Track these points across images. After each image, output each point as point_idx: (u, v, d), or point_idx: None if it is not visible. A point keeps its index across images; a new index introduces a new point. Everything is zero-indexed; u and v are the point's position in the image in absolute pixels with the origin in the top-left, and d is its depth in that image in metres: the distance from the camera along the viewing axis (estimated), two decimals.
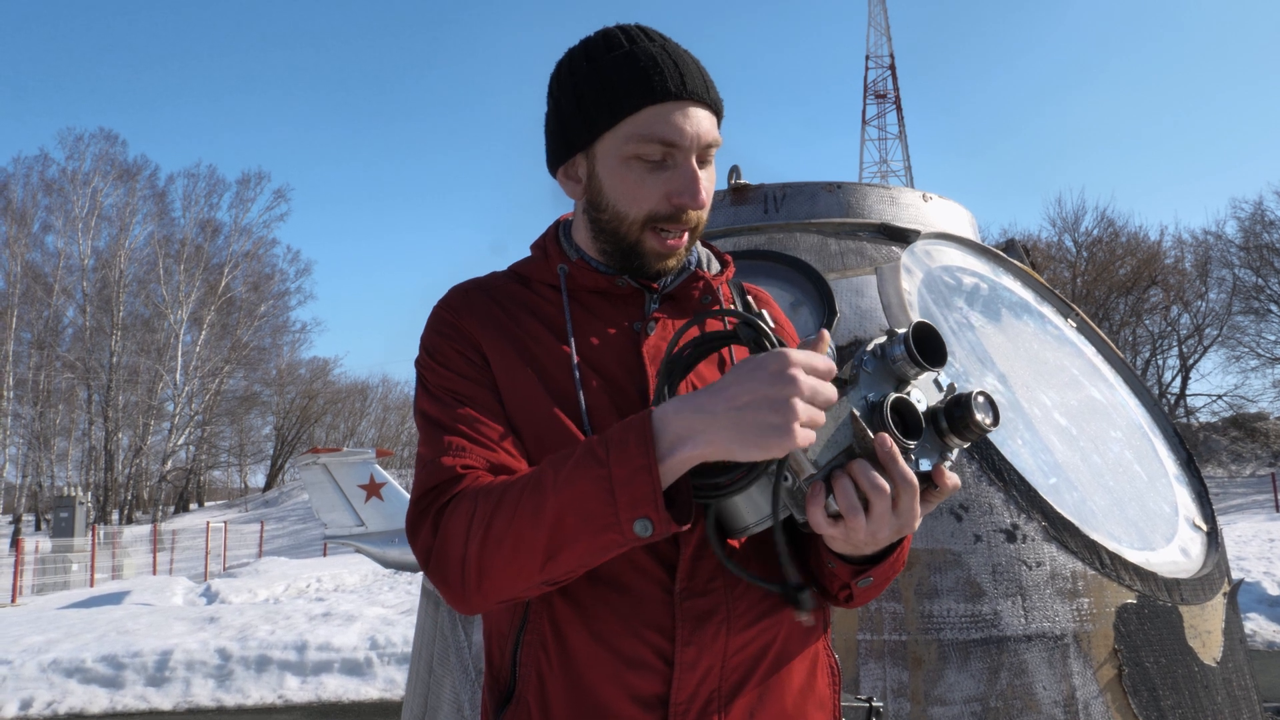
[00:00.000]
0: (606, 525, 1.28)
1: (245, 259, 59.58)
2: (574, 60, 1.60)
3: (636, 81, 1.51)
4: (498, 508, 1.35)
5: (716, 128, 1.57)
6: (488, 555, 1.35)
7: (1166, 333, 43.11)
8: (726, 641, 1.46)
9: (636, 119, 1.51)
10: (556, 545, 1.31)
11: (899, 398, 1.32)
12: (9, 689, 9.16)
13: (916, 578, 2.88)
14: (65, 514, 30.09)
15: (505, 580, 1.36)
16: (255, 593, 18.09)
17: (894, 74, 75.00)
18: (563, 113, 1.60)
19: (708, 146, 1.54)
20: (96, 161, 55.06)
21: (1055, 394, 3.62)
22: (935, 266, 3.79)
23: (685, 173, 1.52)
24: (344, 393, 76.03)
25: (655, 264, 1.58)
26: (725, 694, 1.46)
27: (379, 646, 9.77)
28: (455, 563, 1.38)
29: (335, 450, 23.54)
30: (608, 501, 1.27)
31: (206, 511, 58.76)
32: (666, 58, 1.53)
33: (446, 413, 1.52)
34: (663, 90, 1.50)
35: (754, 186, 3.94)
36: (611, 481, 1.27)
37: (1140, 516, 3.38)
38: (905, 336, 1.33)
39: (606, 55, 1.55)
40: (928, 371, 1.36)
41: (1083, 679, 2.83)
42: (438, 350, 1.59)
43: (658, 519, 1.26)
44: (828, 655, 1.62)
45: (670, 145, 1.51)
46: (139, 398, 54.58)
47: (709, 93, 1.55)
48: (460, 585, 1.39)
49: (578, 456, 1.32)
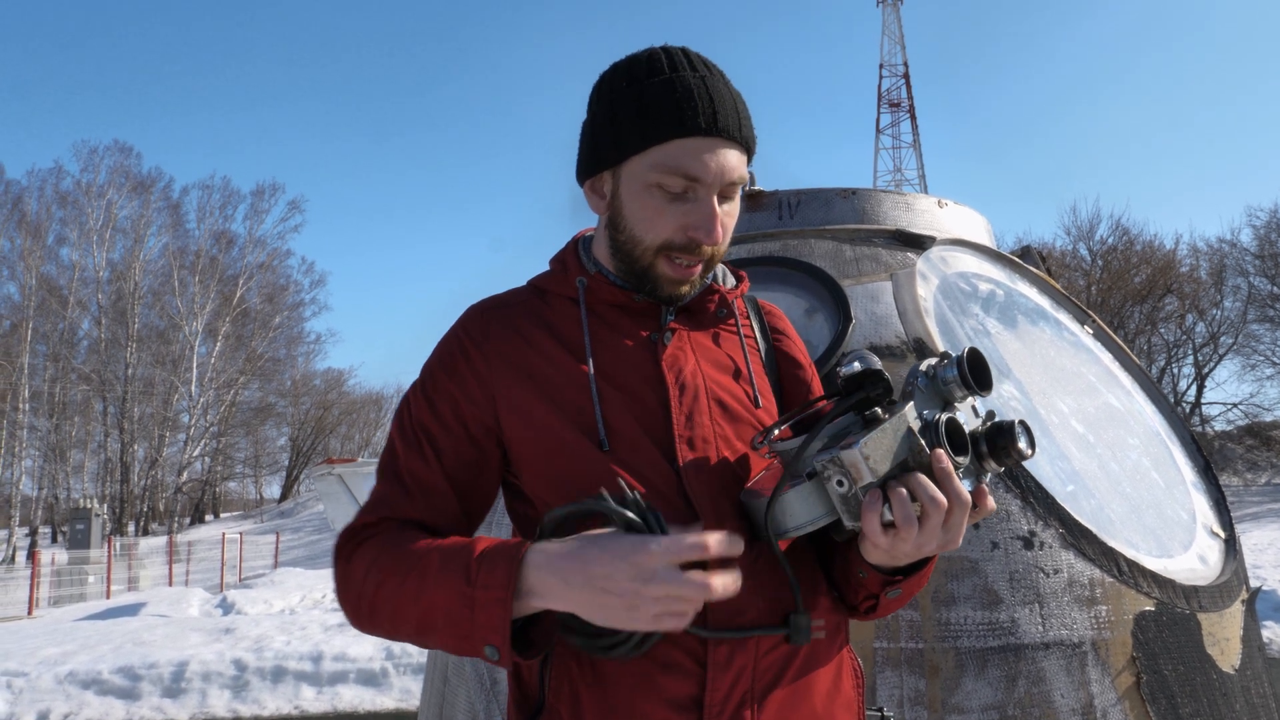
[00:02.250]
0: (464, 636, 1.37)
1: (260, 270, 59.84)
2: (615, 77, 1.62)
3: (669, 111, 1.53)
4: (390, 573, 1.45)
5: (745, 164, 1.59)
6: (377, 606, 1.47)
7: (1181, 341, 42.88)
8: (758, 640, 1.48)
9: (664, 149, 1.53)
10: (425, 630, 1.42)
11: (951, 418, 1.38)
12: (26, 701, 9.18)
13: (933, 585, 2.87)
14: (81, 526, 30.19)
15: (388, 632, 1.49)
16: (271, 603, 18.10)
17: (908, 82, 74.90)
18: (597, 127, 1.62)
19: (731, 184, 1.56)
20: (111, 174, 55.40)
21: (1072, 401, 3.61)
22: (951, 273, 3.79)
23: (704, 208, 1.53)
24: (359, 403, 76.26)
25: (668, 289, 1.60)
26: (758, 693, 1.48)
27: (394, 657, 9.77)
28: (354, 598, 1.50)
29: (350, 461, 23.61)
30: (467, 617, 1.35)
31: (222, 523, 58.79)
32: (704, 91, 1.54)
33: (406, 451, 1.60)
34: (693, 125, 1.52)
35: (768, 193, 3.94)
36: (473, 602, 1.34)
37: (1158, 524, 3.37)
38: (959, 360, 1.41)
39: (646, 79, 1.57)
40: (973, 396, 1.43)
41: (1101, 687, 2.82)
42: (430, 381, 1.64)
43: (504, 651, 1.33)
44: (851, 658, 1.65)
45: (693, 179, 1.53)
46: (154, 409, 54.80)
47: (740, 130, 1.56)
48: (356, 617, 1.52)
49: (456, 562, 1.39)
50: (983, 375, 1.43)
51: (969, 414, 1.46)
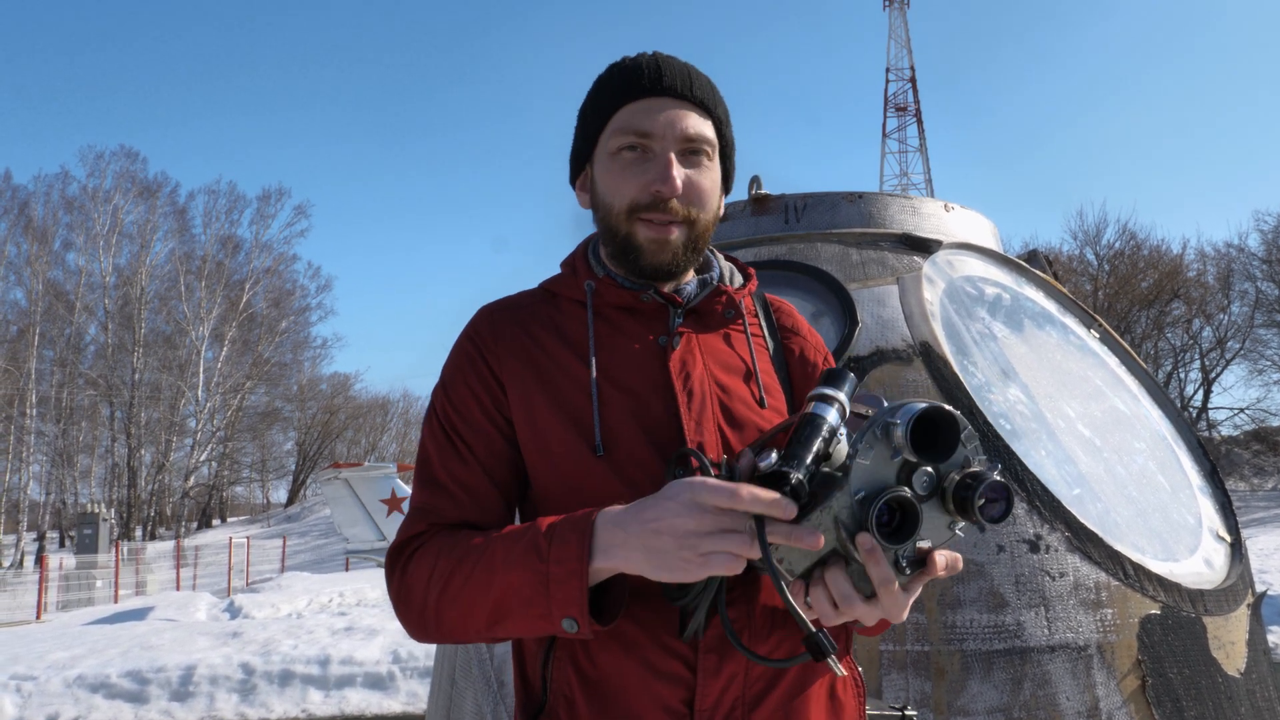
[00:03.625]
0: (541, 615, 1.38)
1: (266, 275, 60.06)
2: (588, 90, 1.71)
3: (617, 82, 1.63)
4: (454, 571, 1.46)
5: (709, 128, 1.63)
6: (443, 609, 1.47)
7: (1188, 346, 42.78)
8: (751, 647, 1.49)
9: (617, 116, 1.61)
10: (498, 617, 1.42)
11: (895, 496, 1.25)
12: (35, 705, 9.20)
13: (939, 588, 2.87)
14: (89, 531, 30.23)
15: (458, 632, 1.49)
16: (278, 607, 18.10)
17: (914, 86, 74.88)
18: (575, 133, 1.72)
19: (691, 140, 1.60)
20: (117, 179, 55.66)
21: (1079, 405, 3.61)
22: (957, 276, 3.79)
23: (660, 162, 1.57)
24: (365, 408, 76.25)
25: (651, 255, 1.61)
26: (749, 701, 1.49)
27: (401, 660, 9.78)
28: (417, 609, 1.51)
29: (357, 465, 23.65)
30: (543, 594, 1.36)
31: (229, 527, 58.85)
32: (650, 61, 1.63)
33: (441, 454, 1.62)
34: (638, 88, 1.60)
35: (775, 197, 3.95)
36: (548, 578, 1.36)
37: (1164, 527, 3.37)
38: (908, 424, 1.25)
39: (603, 73, 1.68)
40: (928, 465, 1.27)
41: (1106, 690, 2.82)
42: (452, 384, 1.66)
43: (583, 621, 1.34)
44: (852, 669, 1.65)
45: (644, 135, 1.58)
46: (161, 414, 54.89)
47: (692, 90, 1.62)
48: (421, 628, 1.53)
49: (525, 543, 1.40)
50: (934, 442, 1.28)
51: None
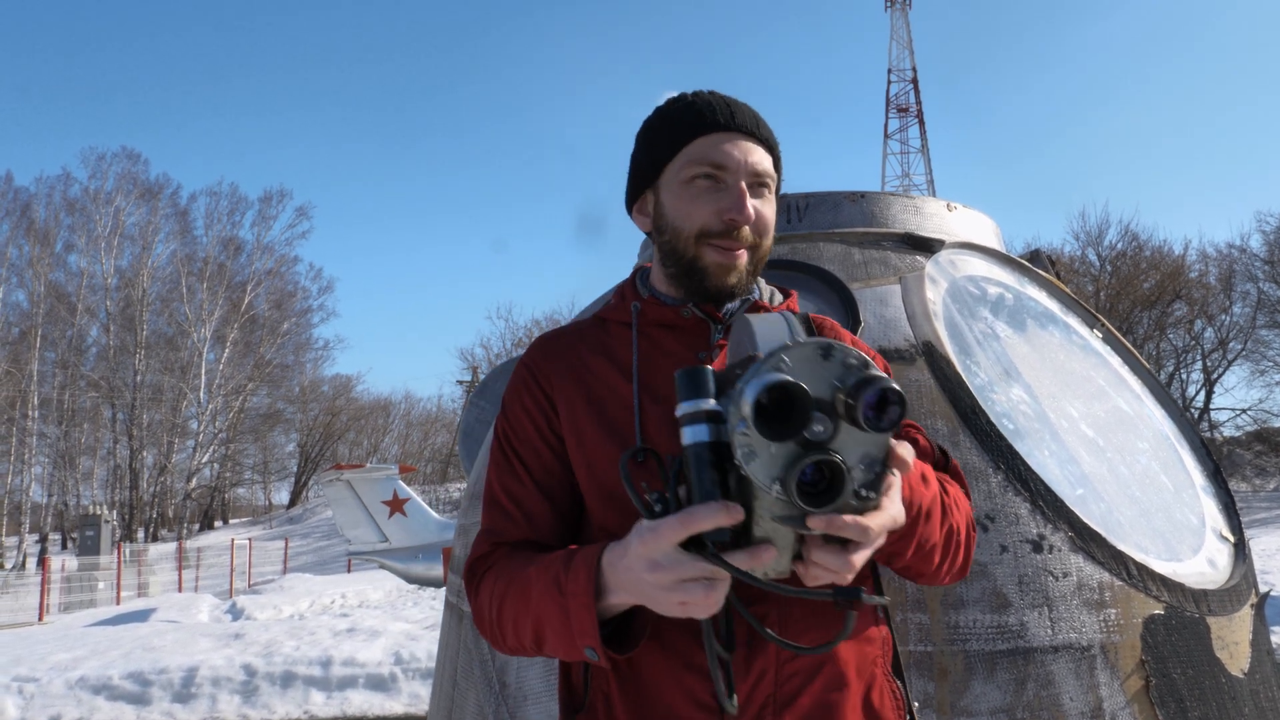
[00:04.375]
0: (568, 642, 1.46)
1: (268, 277, 60.04)
2: (649, 118, 1.81)
3: (692, 116, 1.73)
4: (505, 595, 1.58)
5: (770, 164, 1.74)
6: (504, 628, 1.59)
7: (1190, 346, 42.75)
8: (779, 649, 1.52)
9: (691, 148, 1.71)
10: (539, 641, 1.53)
11: (803, 469, 1.19)
12: (37, 706, 9.20)
13: (942, 588, 2.87)
14: (91, 532, 30.25)
15: (518, 649, 1.60)
16: (280, 609, 18.13)
17: (916, 87, 74.90)
18: (635, 159, 1.83)
19: (759, 175, 1.71)
20: (119, 180, 55.63)
21: (1082, 405, 3.61)
22: (960, 276, 3.79)
23: (733, 192, 1.68)
24: (367, 409, 76.20)
25: (717, 278, 1.70)
26: (781, 700, 1.53)
27: (403, 661, 9.78)
28: (488, 627, 1.63)
29: (359, 467, 23.61)
30: (566, 624, 1.44)
31: (231, 529, 58.91)
32: (720, 99, 1.75)
33: (499, 473, 1.75)
34: (713, 123, 1.70)
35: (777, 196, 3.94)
36: (567, 610, 1.43)
37: (1167, 527, 3.37)
38: (757, 401, 1.17)
39: (670, 105, 1.79)
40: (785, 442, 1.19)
41: (1110, 690, 2.82)
42: (509, 408, 1.79)
43: (599, 650, 1.42)
44: (887, 679, 1.66)
45: (719, 168, 1.68)
46: (163, 416, 54.88)
47: (759, 130, 1.73)
48: (495, 644, 1.65)
49: (551, 574, 1.48)
50: (787, 415, 1.18)
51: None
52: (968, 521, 1.67)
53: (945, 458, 1.77)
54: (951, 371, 3.24)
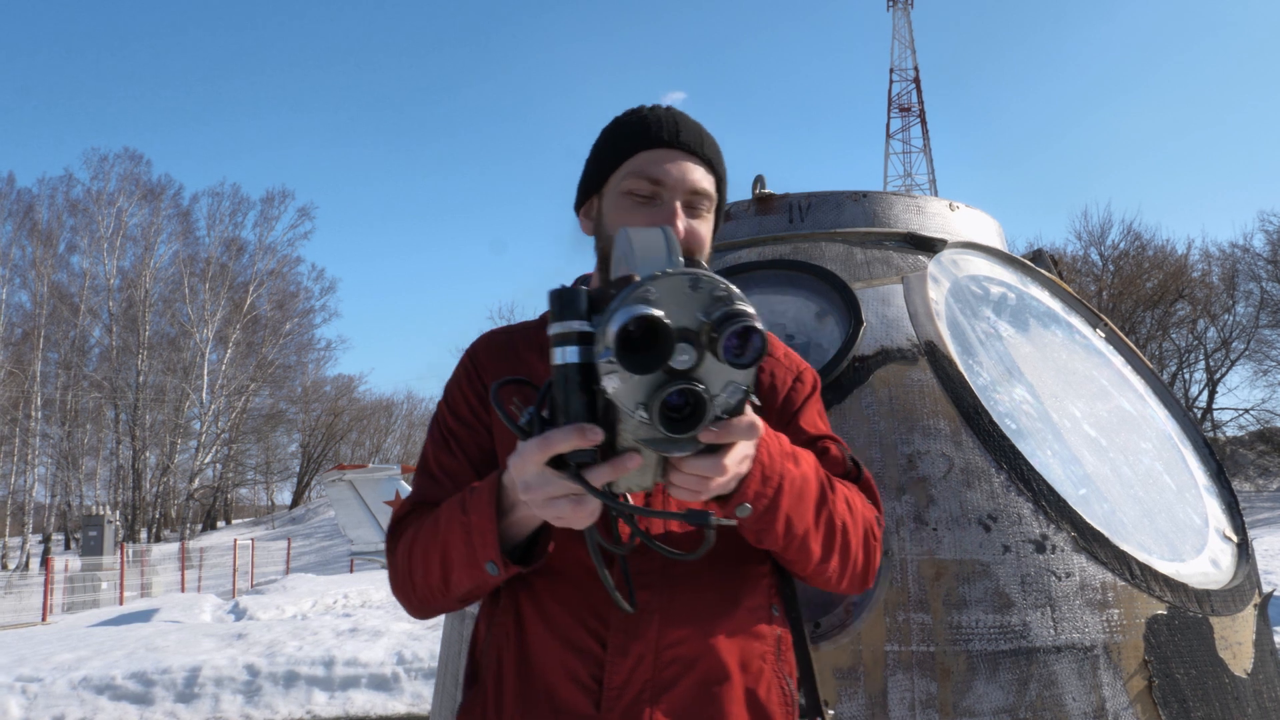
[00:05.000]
0: (470, 562, 1.53)
1: (270, 277, 60.14)
2: (605, 126, 1.89)
3: (638, 129, 1.81)
4: (417, 536, 1.66)
5: (711, 183, 1.82)
6: (414, 571, 1.66)
7: (1193, 346, 42.74)
8: (660, 633, 1.61)
9: (633, 160, 1.79)
10: (446, 571, 1.59)
11: (666, 395, 1.22)
12: (41, 706, 9.20)
13: (945, 588, 2.86)
14: (94, 533, 30.28)
15: (426, 591, 1.66)
16: (283, 609, 18.12)
17: (918, 87, 74.87)
18: (586, 164, 1.91)
19: (695, 193, 1.78)
20: (121, 181, 55.72)
21: (1084, 405, 3.60)
22: (962, 276, 3.78)
23: (666, 208, 1.75)
24: (369, 410, 76.42)
25: None
26: (660, 685, 1.58)
27: (405, 661, 9.78)
28: (400, 581, 1.71)
29: (361, 467, 23.67)
30: (468, 544, 1.52)
31: (234, 529, 59.02)
32: (668, 116, 1.83)
33: (435, 450, 1.83)
34: (657, 139, 1.78)
35: (779, 196, 3.94)
36: (470, 529, 1.51)
37: (1170, 527, 3.36)
38: (618, 334, 1.17)
39: (624, 116, 1.87)
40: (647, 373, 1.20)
41: (1113, 690, 2.81)
42: (449, 392, 1.89)
43: (500, 563, 1.49)
44: (778, 677, 1.70)
45: (656, 182, 1.76)
46: (166, 416, 54.99)
47: (702, 149, 1.81)
48: (407, 602, 1.73)
49: (456, 501, 1.58)
50: (649, 345, 1.18)
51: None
52: (864, 527, 1.69)
53: (858, 469, 1.81)
54: (954, 371, 3.23)
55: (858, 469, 1.81)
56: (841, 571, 1.67)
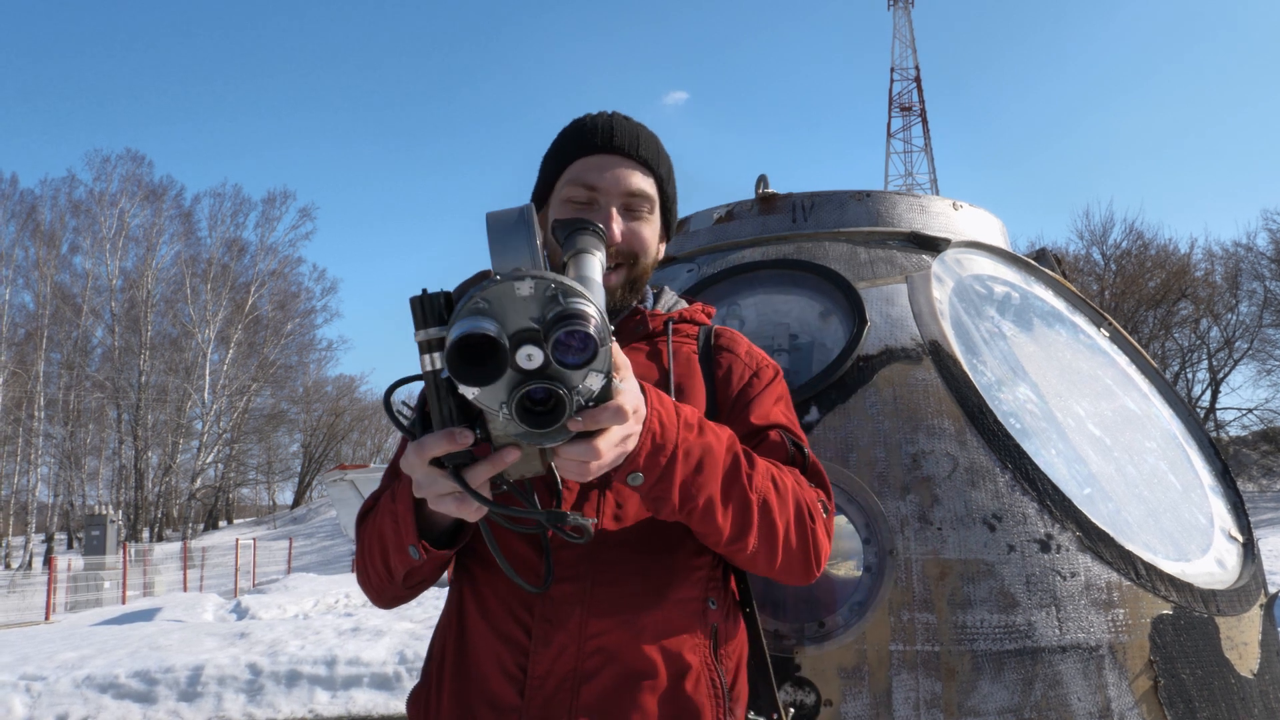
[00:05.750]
0: (399, 548, 1.59)
1: (271, 278, 60.15)
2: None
3: (573, 138, 1.86)
4: (367, 528, 1.72)
5: (651, 185, 1.86)
6: (364, 556, 1.73)
7: (1196, 346, 42.70)
8: (584, 624, 1.63)
9: (571, 169, 1.84)
10: (384, 557, 1.65)
11: (522, 397, 1.24)
12: (44, 705, 9.21)
13: (949, 588, 2.86)
14: (97, 532, 30.37)
15: (376, 576, 1.72)
16: (285, 608, 18.13)
17: (919, 86, 74.78)
18: (538, 176, 1.95)
19: (632, 195, 1.83)
20: (123, 182, 55.76)
21: (1089, 404, 3.60)
22: (966, 275, 3.78)
23: (603, 214, 1.80)
24: (370, 409, 76.29)
25: None
26: (580, 676, 1.61)
27: (407, 661, 9.78)
28: (361, 568, 1.77)
29: (362, 467, 23.67)
30: (395, 531, 1.58)
31: (236, 529, 59.06)
32: (605, 121, 1.86)
33: (402, 447, 1.77)
34: (591, 145, 1.83)
35: (782, 195, 3.93)
36: (395, 515, 1.58)
37: (1175, 527, 3.36)
38: (448, 358, 1.19)
39: (567, 126, 1.90)
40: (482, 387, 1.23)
41: (1118, 690, 2.81)
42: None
43: (419, 548, 1.55)
44: (708, 670, 1.70)
45: (591, 188, 1.81)
46: (168, 416, 55.01)
47: (639, 150, 1.84)
48: (365, 587, 1.80)
49: (389, 491, 1.66)
50: (481, 360, 1.20)
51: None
52: (797, 505, 1.65)
53: (802, 455, 1.79)
54: (958, 370, 3.23)
55: (802, 455, 1.79)
56: (769, 553, 1.63)
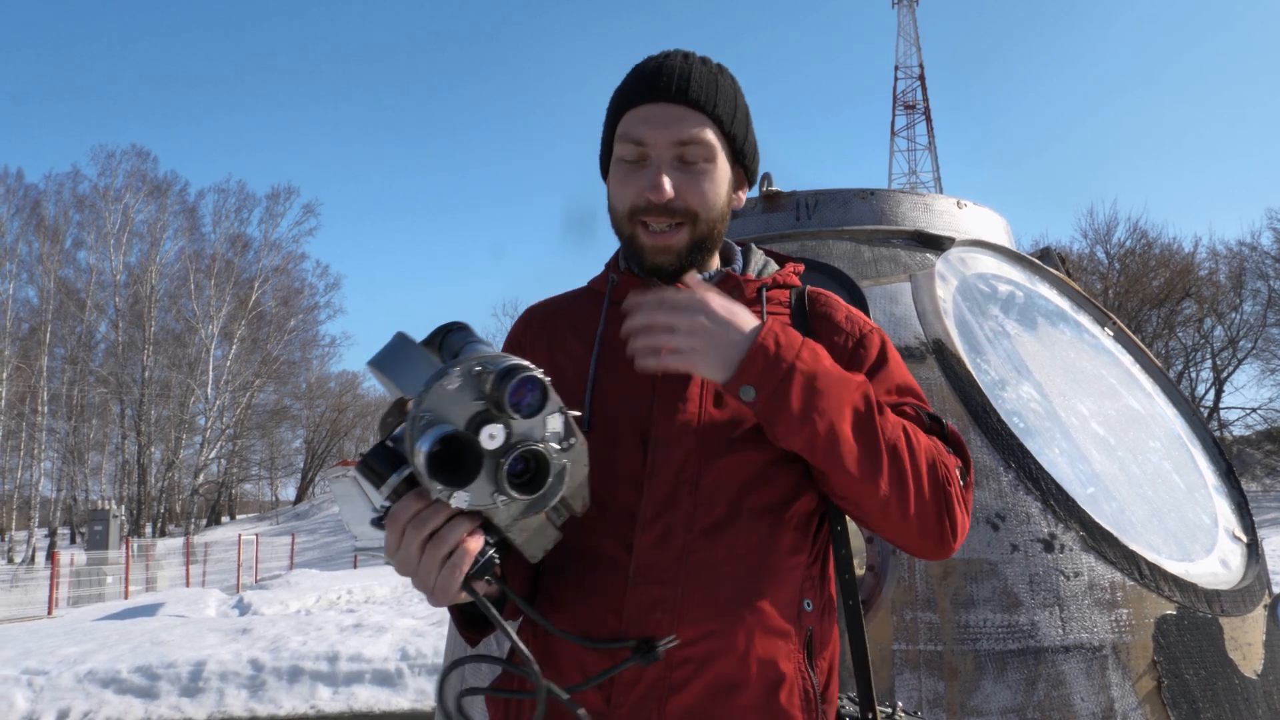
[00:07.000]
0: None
1: (275, 274, 60.14)
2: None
3: (621, 90, 1.67)
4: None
5: (708, 129, 1.63)
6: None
7: (1200, 345, 42.63)
8: (673, 631, 1.49)
9: (622, 122, 1.65)
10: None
11: (509, 474, 1.25)
12: (46, 699, 9.22)
13: (953, 587, 2.86)
14: (99, 527, 30.39)
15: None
16: (287, 604, 18.12)
17: (923, 84, 74.62)
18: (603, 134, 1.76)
19: (684, 144, 1.61)
20: (128, 178, 55.70)
21: (1093, 403, 3.59)
22: (970, 274, 3.77)
23: (650, 170, 1.60)
24: (373, 406, 76.18)
25: (650, 258, 1.66)
26: (669, 685, 1.50)
27: (410, 657, 9.78)
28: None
29: None
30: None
31: (238, 524, 59.01)
32: (655, 66, 1.65)
33: None
34: (637, 95, 1.63)
35: (786, 194, 3.92)
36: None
37: (1179, 527, 3.35)
38: (427, 472, 1.19)
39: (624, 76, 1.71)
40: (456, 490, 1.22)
41: (1121, 690, 2.80)
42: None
43: (465, 636, 1.56)
44: (802, 678, 1.55)
45: (640, 143, 1.61)
46: (171, 412, 55.02)
47: (689, 92, 1.61)
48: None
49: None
50: (459, 463, 1.22)
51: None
52: (931, 460, 1.53)
53: (939, 424, 1.64)
54: (962, 369, 3.22)
55: (940, 425, 1.64)
56: (901, 504, 1.49)
